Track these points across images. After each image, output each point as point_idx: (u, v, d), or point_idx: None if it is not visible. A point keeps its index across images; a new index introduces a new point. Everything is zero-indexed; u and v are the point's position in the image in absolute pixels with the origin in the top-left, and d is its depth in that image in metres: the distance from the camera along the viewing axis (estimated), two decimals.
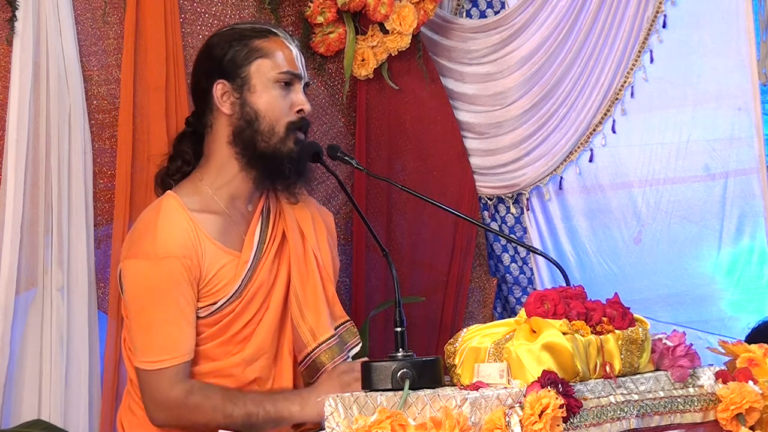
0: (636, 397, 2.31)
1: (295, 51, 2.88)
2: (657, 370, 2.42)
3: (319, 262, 2.92)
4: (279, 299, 2.90)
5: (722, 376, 2.44)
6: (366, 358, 2.80)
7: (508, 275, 4.09)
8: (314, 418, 2.74)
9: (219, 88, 2.85)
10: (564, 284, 2.61)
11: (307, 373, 2.89)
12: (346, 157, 2.90)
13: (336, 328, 2.93)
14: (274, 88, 2.84)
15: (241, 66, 2.84)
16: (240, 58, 2.85)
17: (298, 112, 2.85)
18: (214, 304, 2.81)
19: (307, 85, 2.92)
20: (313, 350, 2.87)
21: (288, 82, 2.85)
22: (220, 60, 2.86)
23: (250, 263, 2.85)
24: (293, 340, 2.90)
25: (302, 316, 2.87)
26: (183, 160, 2.93)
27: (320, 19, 3.64)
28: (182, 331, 2.76)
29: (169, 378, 2.73)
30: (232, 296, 2.82)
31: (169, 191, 2.85)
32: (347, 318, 2.98)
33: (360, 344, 2.97)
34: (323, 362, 2.86)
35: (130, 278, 2.78)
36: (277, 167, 2.83)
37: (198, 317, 2.80)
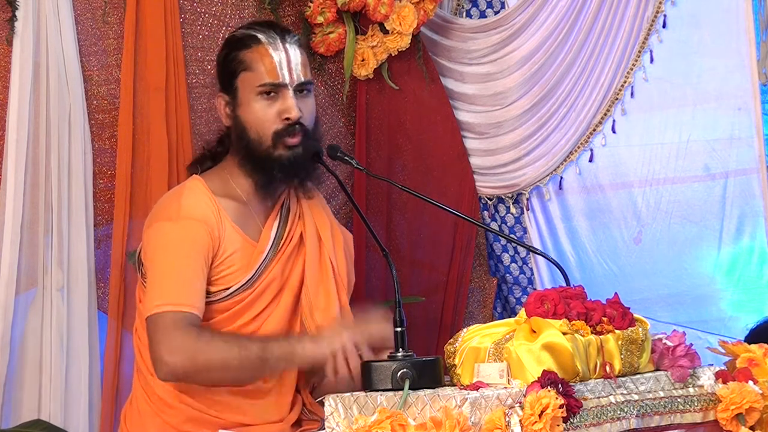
0: (636, 397, 2.31)
1: (279, 56, 2.86)
2: (657, 370, 2.42)
3: (335, 268, 2.95)
4: (290, 299, 2.92)
5: (722, 376, 2.44)
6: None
7: (508, 275, 4.09)
8: (324, 357, 2.70)
9: (220, 101, 2.92)
10: (564, 284, 2.61)
11: (310, 372, 2.90)
12: (346, 157, 2.92)
13: None
14: (257, 101, 2.86)
15: (232, 80, 2.89)
16: (229, 71, 2.90)
17: (285, 119, 2.85)
18: (227, 289, 2.83)
19: (304, 84, 2.89)
20: None
21: (271, 92, 2.85)
22: (219, 72, 2.94)
23: (266, 254, 2.88)
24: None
25: (311, 314, 2.90)
26: (213, 152, 2.99)
27: (320, 19, 3.64)
28: (196, 287, 2.76)
29: (181, 321, 2.71)
30: (244, 284, 2.85)
31: (194, 175, 2.91)
32: None
33: None
34: None
35: (152, 239, 2.81)
36: (269, 174, 2.86)
37: (211, 301, 2.82)
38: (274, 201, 2.95)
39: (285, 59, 2.87)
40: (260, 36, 2.88)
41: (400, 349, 2.37)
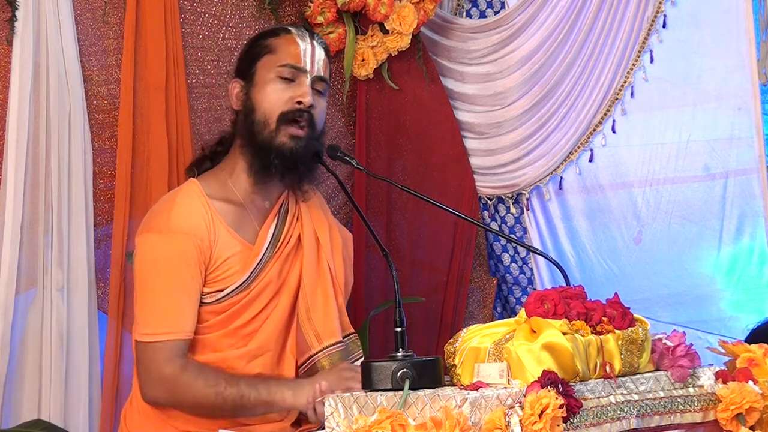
0: (636, 397, 2.30)
1: (305, 46, 2.90)
2: (657, 370, 2.42)
3: (332, 271, 2.95)
4: (287, 301, 2.92)
5: (722, 376, 2.44)
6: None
7: (508, 275, 4.09)
8: (304, 407, 2.74)
9: (235, 86, 2.94)
10: (564, 284, 2.61)
11: (306, 376, 2.90)
12: (346, 157, 2.92)
13: (343, 338, 2.94)
14: (273, 82, 2.88)
15: (252, 64, 2.92)
16: (252, 56, 2.93)
17: (297, 103, 2.86)
18: (221, 291, 2.83)
19: (322, 81, 2.92)
20: (317, 353, 2.88)
21: (289, 76, 2.88)
22: (240, 61, 2.98)
23: (261, 257, 2.87)
24: (297, 341, 2.91)
25: (309, 318, 2.89)
26: (212, 152, 3.00)
27: (320, 19, 3.65)
28: (184, 308, 2.78)
29: (165, 353, 2.75)
30: (239, 286, 2.84)
31: (191, 178, 2.92)
32: (353, 330, 3.01)
33: (362, 357, 2.98)
34: (323, 366, 2.87)
35: (140, 251, 2.83)
36: (266, 160, 2.86)
37: (205, 303, 2.82)
38: (272, 202, 2.95)
39: (310, 50, 2.91)
40: (290, 28, 2.96)
41: (400, 349, 2.37)
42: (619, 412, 2.27)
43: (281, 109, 2.86)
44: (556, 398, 2.10)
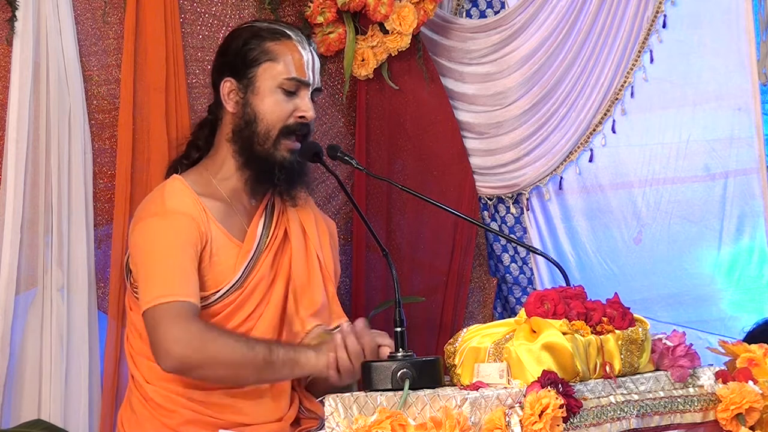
0: (636, 397, 2.31)
1: (307, 56, 2.89)
2: (657, 370, 2.43)
3: (321, 262, 2.95)
4: (279, 296, 2.91)
5: (722, 376, 2.44)
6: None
7: (508, 275, 4.09)
8: (325, 367, 2.69)
9: (226, 85, 2.90)
10: (564, 284, 2.62)
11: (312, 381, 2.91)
12: (346, 157, 2.92)
13: (335, 328, 2.93)
14: (277, 93, 2.87)
15: (250, 66, 2.88)
16: (250, 58, 2.88)
17: (299, 117, 2.86)
18: (217, 292, 2.83)
19: (318, 91, 2.93)
20: (303, 339, 2.88)
21: (292, 89, 2.87)
22: (232, 57, 2.91)
23: (252, 254, 2.87)
24: (287, 334, 2.91)
25: (296, 310, 2.90)
26: (195, 146, 2.98)
27: (320, 19, 3.64)
28: (192, 277, 2.74)
29: (184, 311, 2.69)
30: (233, 285, 2.84)
31: (174, 175, 2.90)
32: (346, 318, 3.00)
33: None
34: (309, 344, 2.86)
35: (138, 237, 2.80)
36: (268, 173, 2.86)
37: (201, 305, 2.80)
38: (258, 200, 2.95)
39: (311, 60, 2.90)
40: (289, 32, 2.91)
41: (400, 349, 2.37)
42: (619, 412, 2.27)
43: (284, 122, 2.86)
44: (556, 398, 2.10)
